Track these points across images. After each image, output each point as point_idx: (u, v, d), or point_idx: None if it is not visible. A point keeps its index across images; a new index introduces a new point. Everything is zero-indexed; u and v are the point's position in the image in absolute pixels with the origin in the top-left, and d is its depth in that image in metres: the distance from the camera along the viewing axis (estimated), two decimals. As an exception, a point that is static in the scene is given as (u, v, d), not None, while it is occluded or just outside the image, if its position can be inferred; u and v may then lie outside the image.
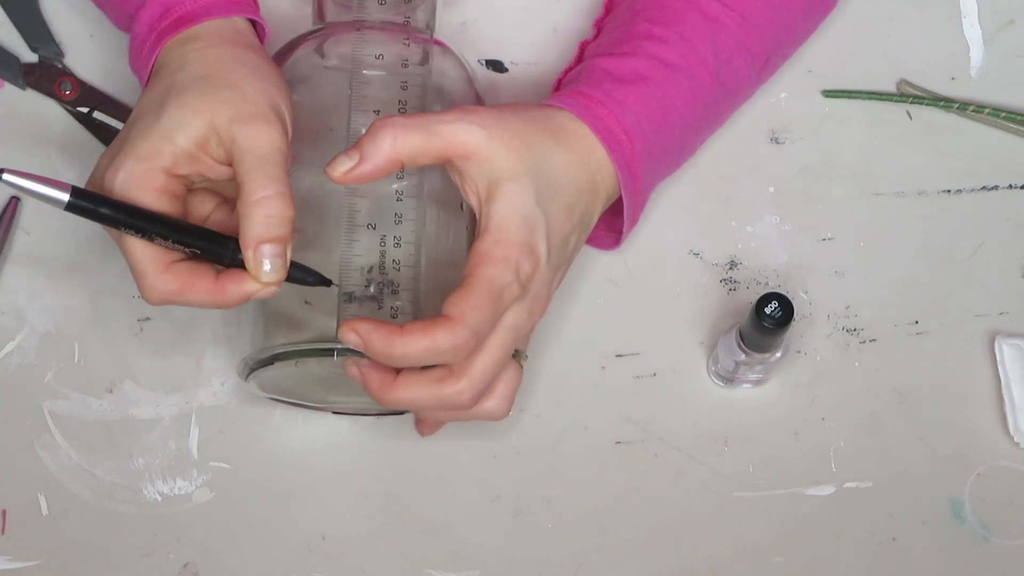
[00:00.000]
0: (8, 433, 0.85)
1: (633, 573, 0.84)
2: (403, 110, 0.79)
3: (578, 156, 0.77)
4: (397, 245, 0.77)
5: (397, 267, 0.76)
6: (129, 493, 0.84)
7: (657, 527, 0.84)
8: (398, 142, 0.73)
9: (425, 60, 0.80)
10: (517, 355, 0.77)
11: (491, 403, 0.77)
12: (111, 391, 0.86)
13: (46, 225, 0.89)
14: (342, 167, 0.73)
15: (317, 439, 0.85)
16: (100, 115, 0.90)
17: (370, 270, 0.76)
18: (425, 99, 0.79)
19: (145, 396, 0.86)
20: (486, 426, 0.86)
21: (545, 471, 0.85)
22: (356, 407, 0.84)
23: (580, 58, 0.86)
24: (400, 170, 0.74)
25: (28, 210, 0.89)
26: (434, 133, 0.73)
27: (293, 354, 0.76)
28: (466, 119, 0.74)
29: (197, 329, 0.87)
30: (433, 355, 0.72)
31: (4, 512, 0.84)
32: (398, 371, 0.74)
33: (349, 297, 0.76)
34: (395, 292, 0.76)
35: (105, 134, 0.90)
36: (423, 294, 0.77)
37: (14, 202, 0.88)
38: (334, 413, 0.85)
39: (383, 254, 0.77)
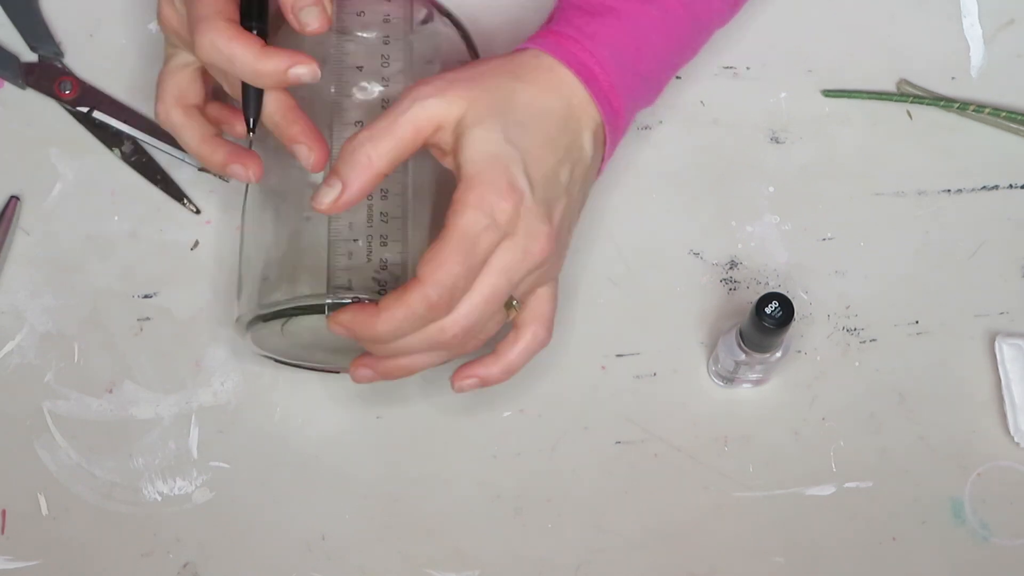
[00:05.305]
0: (8, 433, 0.85)
1: (633, 573, 0.84)
2: (386, 66, 0.79)
3: (546, 87, 0.76)
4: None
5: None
6: (129, 493, 0.84)
7: (657, 527, 0.84)
8: (373, 156, 0.73)
9: (407, 15, 0.80)
10: (508, 305, 0.76)
11: (472, 344, 0.76)
12: (111, 391, 0.86)
13: (46, 225, 0.89)
14: (327, 198, 0.73)
15: (317, 439, 0.85)
16: (100, 115, 0.90)
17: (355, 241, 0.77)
18: (410, 53, 0.79)
19: (145, 396, 0.86)
20: (486, 425, 0.86)
21: (545, 471, 0.85)
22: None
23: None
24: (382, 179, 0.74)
25: (28, 210, 0.89)
26: (398, 129, 0.73)
27: (287, 312, 0.77)
28: (419, 97, 0.74)
29: (197, 329, 0.87)
30: (415, 321, 0.72)
31: (4, 512, 0.84)
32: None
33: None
34: (383, 268, 0.76)
35: (105, 134, 0.90)
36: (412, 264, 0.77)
37: (14, 202, 0.88)
38: (336, 373, 0.85)
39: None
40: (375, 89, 0.79)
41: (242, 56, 0.73)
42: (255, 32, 0.74)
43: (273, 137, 0.77)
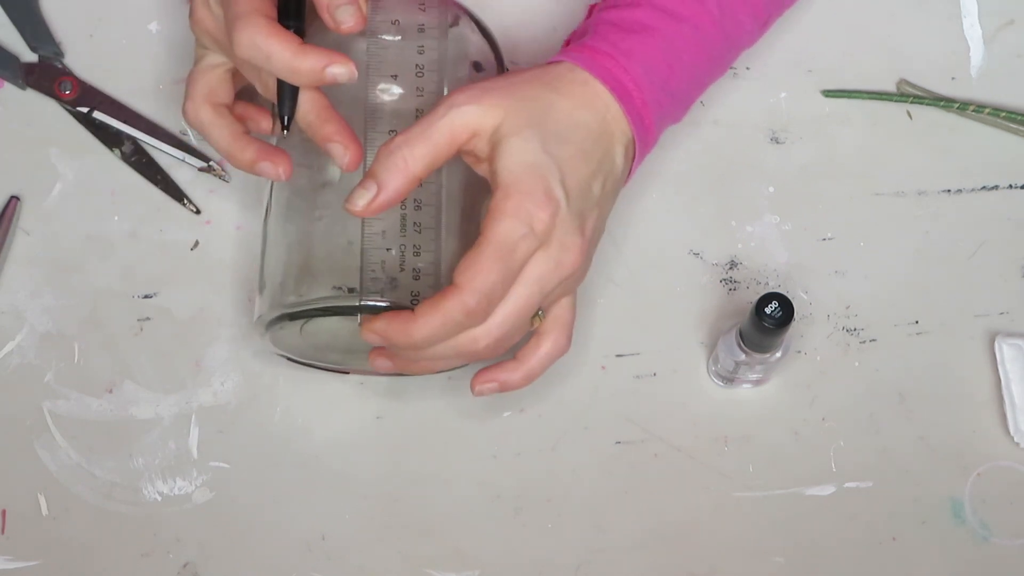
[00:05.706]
0: (8, 433, 0.85)
1: (633, 573, 0.84)
2: (420, 75, 0.79)
3: (581, 101, 0.77)
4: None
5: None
6: (129, 493, 0.84)
7: (657, 527, 0.84)
8: (409, 160, 0.73)
9: (443, 24, 0.80)
10: (534, 315, 0.76)
11: (498, 353, 0.76)
12: (111, 391, 0.86)
13: (46, 225, 0.89)
14: (362, 200, 0.73)
15: (317, 439, 0.85)
16: (100, 115, 0.90)
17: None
18: (443, 63, 0.79)
19: (145, 396, 0.86)
20: (486, 425, 0.86)
21: (545, 471, 0.85)
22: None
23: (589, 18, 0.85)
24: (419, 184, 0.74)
25: (28, 210, 0.89)
26: (434, 134, 0.73)
27: (311, 312, 0.77)
28: (456, 104, 0.74)
29: (197, 329, 0.87)
30: (451, 327, 0.72)
31: (4, 512, 0.84)
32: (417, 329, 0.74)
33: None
34: (416, 278, 0.76)
35: (105, 134, 0.90)
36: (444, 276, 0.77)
37: (14, 202, 0.88)
38: (345, 373, 0.85)
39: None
40: (408, 97, 0.79)
41: (279, 53, 0.73)
42: (292, 31, 0.74)
43: (299, 138, 0.77)
